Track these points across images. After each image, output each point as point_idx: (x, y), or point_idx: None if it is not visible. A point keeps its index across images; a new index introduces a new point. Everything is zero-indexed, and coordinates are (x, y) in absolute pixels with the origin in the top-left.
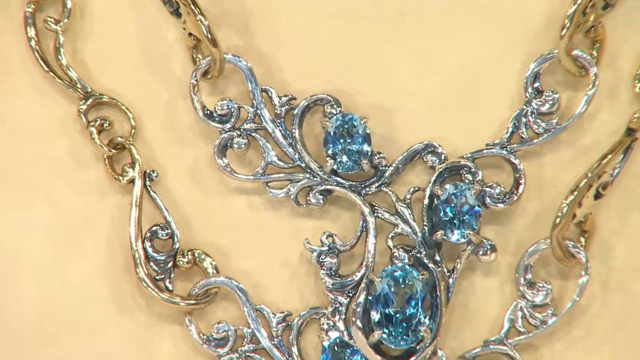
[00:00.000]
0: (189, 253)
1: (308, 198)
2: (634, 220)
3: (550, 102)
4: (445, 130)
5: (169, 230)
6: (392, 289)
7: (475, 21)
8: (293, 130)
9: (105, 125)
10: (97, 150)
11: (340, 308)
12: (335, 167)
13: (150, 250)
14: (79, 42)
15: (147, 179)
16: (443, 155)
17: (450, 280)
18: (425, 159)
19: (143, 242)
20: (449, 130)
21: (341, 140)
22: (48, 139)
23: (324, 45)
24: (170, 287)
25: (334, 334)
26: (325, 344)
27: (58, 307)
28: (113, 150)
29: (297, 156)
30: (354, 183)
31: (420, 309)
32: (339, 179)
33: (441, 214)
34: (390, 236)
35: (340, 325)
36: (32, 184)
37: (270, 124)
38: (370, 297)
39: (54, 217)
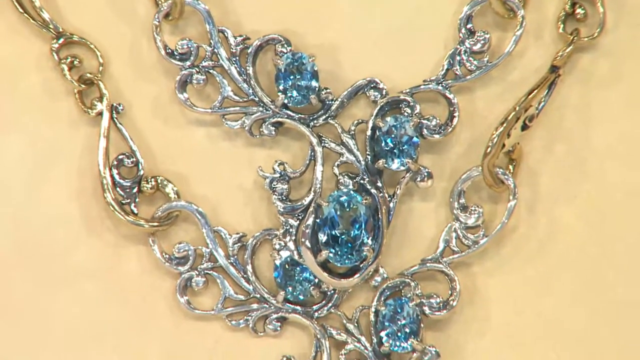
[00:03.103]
0: (153, 179)
1: (261, 129)
2: (557, 149)
3: (482, 42)
4: (386, 67)
5: (134, 159)
6: (338, 213)
7: None
8: (247, 68)
9: (75, 62)
10: (68, 85)
11: (290, 230)
12: (285, 101)
13: (117, 177)
14: None
15: (114, 112)
16: (384, 91)
17: (391, 205)
18: (368, 94)
19: (110, 169)
20: (390, 68)
21: (291, 77)
22: (23, 75)
23: None
24: (135, 210)
25: (285, 253)
26: (277, 262)
27: (32, 229)
28: (83, 85)
29: (251, 91)
30: (303, 116)
31: (363, 231)
32: (289, 112)
33: (382, 144)
34: (336, 164)
35: (291, 245)
36: (8, 116)
37: (226, 62)
38: (318, 220)
39: (29, 146)
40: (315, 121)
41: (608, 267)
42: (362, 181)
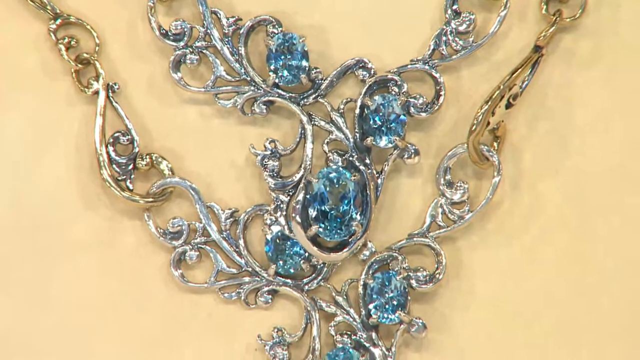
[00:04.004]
0: (147, 156)
1: (253, 108)
2: (540, 127)
3: (467, 23)
4: (374, 47)
5: (130, 137)
6: (328, 189)
7: None
8: (239, 48)
9: (72, 42)
10: (66, 65)
11: (281, 205)
12: (277, 80)
13: (113, 154)
14: None
15: (110, 91)
16: (372, 70)
17: (379, 181)
18: (356, 74)
19: (107, 147)
20: (378, 48)
21: (282, 57)
22: (21, 55)
23: None
24: (130, 186)
25: (276, 228)
26: (269, 237)
27: (31, 205)
28: (79, 65)
29: (243, 71)
30: (293, 95)
31: (352, 206)
32: (280, 91)
33: (371, 122)
34: (325, 142)
35: (282, 220)
36: (7, 95)
37: (219, 42)
38: (308, 196)
39: (27, 124)
40: (305, 100)
41: (590, 242)
42: (351, 158)
